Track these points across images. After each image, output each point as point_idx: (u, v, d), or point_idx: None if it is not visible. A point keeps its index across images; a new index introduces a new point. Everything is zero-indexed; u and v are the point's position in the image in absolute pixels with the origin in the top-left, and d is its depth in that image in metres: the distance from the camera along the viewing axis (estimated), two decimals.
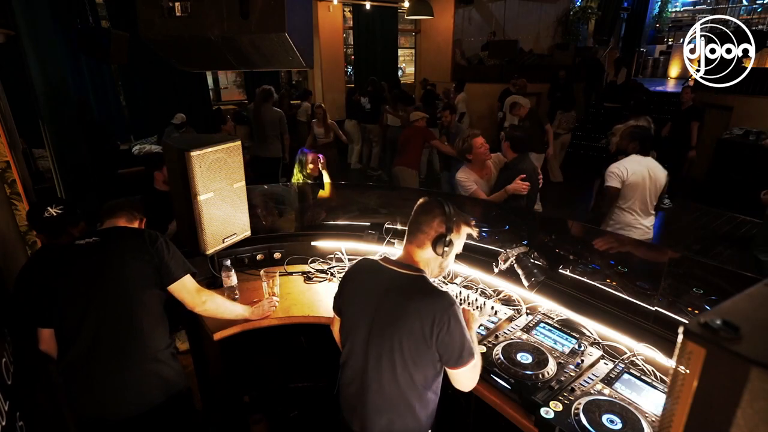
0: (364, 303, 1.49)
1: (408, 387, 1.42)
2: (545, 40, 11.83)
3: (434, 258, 1.50)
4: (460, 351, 1.39)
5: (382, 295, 1.45)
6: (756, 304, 0.64)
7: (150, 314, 1.69)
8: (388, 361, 1.41)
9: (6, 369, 1.67)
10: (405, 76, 12.24)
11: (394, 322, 1.40)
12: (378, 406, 1.45)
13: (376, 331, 1.43)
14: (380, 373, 1.43)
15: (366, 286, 1.52)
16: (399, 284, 1.45)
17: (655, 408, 1.51)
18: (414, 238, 1.50)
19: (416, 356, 1.39)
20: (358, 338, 1.48)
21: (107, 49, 4.22)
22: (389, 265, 1.50)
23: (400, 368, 1.40)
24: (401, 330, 1.38)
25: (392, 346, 1.40)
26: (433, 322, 1.35)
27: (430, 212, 1.49)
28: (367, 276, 1.54)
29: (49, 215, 1.99)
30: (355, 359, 1.49)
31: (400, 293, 1.43)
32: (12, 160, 2.64)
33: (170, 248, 1.78)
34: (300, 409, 2.73)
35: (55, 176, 4.26)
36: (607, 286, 2.07)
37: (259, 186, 3.40)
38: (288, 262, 2.68)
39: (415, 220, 1.50)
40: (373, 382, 1.44)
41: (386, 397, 1.44)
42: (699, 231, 5.56)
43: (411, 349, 1.39)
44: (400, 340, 1.38)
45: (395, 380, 1.42)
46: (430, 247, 1.48)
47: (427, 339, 1.36)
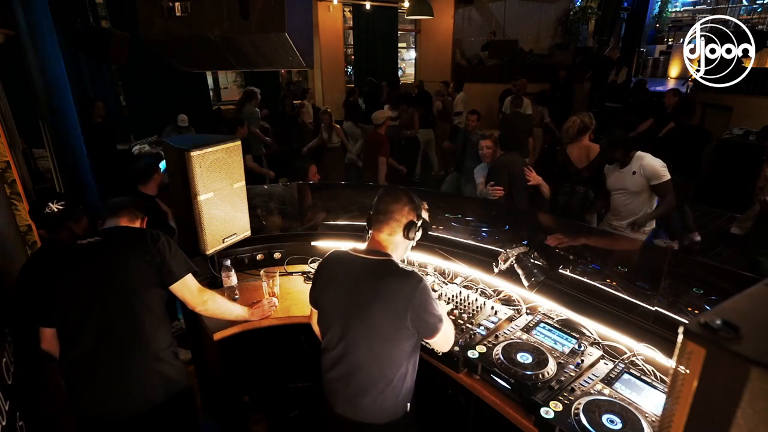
0: (338, 292, 1.58)
1: (387, 364, 1.51)
2: (545, 40, 11.83)
3: (403, 242, 1.62)
4: (434, 323, 1.51)
5: (355, 282, 1.54)
6: (756, 304, 0.64)
7: (152, 313, 1.70)
8: (365, 342, 1.50)
9: (6, 369, 1.67)
10: (405, 76, 12.25)
11: (368, 304, 1.49)
12: (360, 387, 1.53)
13: (352, 316, 1.52)
14: (359, 356, 1.51)
15: (339, 276, 1.60)
16: (369, 269, 1.54)
17: (655, 408, 1.51)
18: (384, 225, 1.59)
19: (392, 333, 1.48)
20: (335, 325, 1.56)
21: (107, 49, 4.22)
22: (358, 254, 1.60)
23: (378, 347, 1.49)
24: (376, 311, 1.47)
25: (369, 327, 1.49)
26: (406, 300, 1.45)
27: (398, 200, 1.60)
28: (339, 266, 1.62)
29: (50, 210, 1.99)
30: (335, 345, 1.57)
31: (371, 277, 1.52)
32: (12, 160, 2.64)
33: (172, 247, 1.78)
34: (300, 409, 2.73)
35: (55, 176, 4.26)
36: (607, 286, 2.07)
37: (259, 186, 3.40)
38: (288, 262, 2.68)
39: (385, 209, 1.60)
40: (355, 364, 1.53)
41: (367, 377, 1.52)
42: (699, 231, 5.55)
43: (387, 327, 1.48)
44: (376, 321, 1.48)
45: (375, 359, 1.50)
46: (400, 233, 1.60)
47: (401, 316, 1.46)
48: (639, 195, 3.15)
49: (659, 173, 3.05)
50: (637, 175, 3.10)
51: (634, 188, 3.13)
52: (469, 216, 2.88)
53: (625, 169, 3.16)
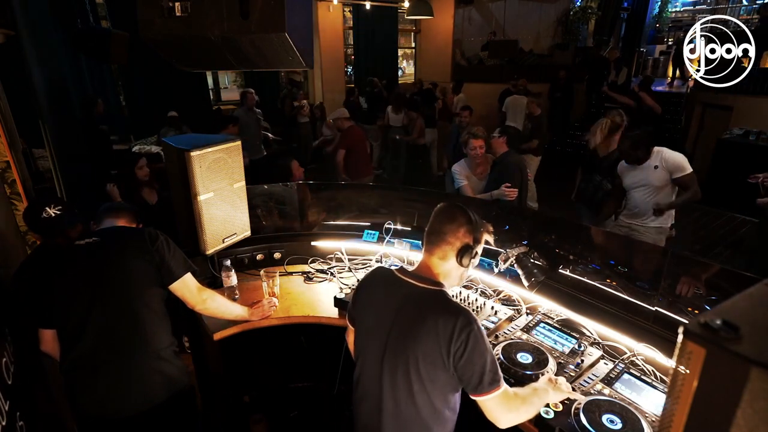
0: (378, 317, 1.41)
1: (425, 408, 1.34)
2: (545, 40, 11.83)
3: (456, 269, 1.41)
4: (480, 375, 1.27)
5: (398, 310, 1.36)
6: (756, 304, 0.64)
7: (152, 313, 1.70)
8: (403, 381, 1.33)
9: (6, 369, 1.67)
10: (405, 76, 12.25)
11: (409, 339, 1.31)
12: (392, 428, 1.38)
13: (390, 349, 1.35)
14: (395, 393, 1.35)
15: (381, 299, 1.43)
16: (416, 299, 1.36)
17: (655, 408, 1.51)
18: (436, 248, 1.40)
19: (434, 376, 1.31)
20: (371, 355, 1.41)
21: (107, 49, 4.22)
22: (406, 278, 1.41)
23: (417, 388, 1.32)
24: (417, 348, 1.30)
25: (408, 365, 1.32)
26: (451, 340, 1.25)
27: (454, 221, 1.39)
28: (383, 288, 1.45)
29: (47, 216, 1.96)
30: (369, 376, 1.42)
31: (416, 309, 1.34)
32: (12, 160, 2.64)
33: (171, 247, 1.78)
34: (300, 409, 2.73)
35: (55, 176, 4.26)
36: (607, 286, 2.07)
37: (259, 186, 3.41)
38: (288, 262, 2.68)
39: (438, 229, 1.40)
40: (388, 402, 1.37)
41: (401, 418, 1.36)
42: (699, 231, 5.56)
43: (428, 368, 1.30)
44: (416, 359, 1.30)
45: (412, 401, 1.34)
46: (453, 258, 1.39)
47: (444, 359, 1.27)
48: (662, 189, 3.10)
49: (683, 165, 3.01)
50: (660, 169, 3.05)
51: (658, 183, 3.08)
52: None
53: (644, 165, 3.10)
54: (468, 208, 1.44)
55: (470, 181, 3.47)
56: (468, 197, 3.44)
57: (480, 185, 3.47)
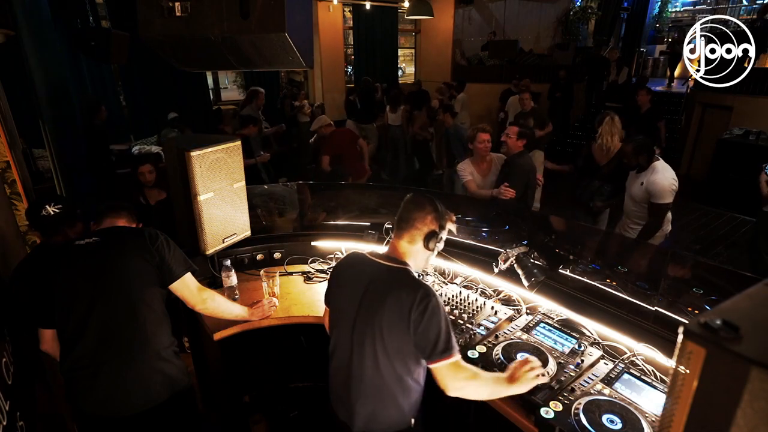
0: (349, 295, 1.54)
1: (390, 376, 1.47)
2: (545, 40, 11.83)
3: (422, 251, 1.56)
4: (434, 343, 1.39)
5: (366, 287, 1.50)
6: (756, 304, 0.64)
7: (153, 312, 1.70)
8: (370, 351, 1.46)
9: (6, 369, 1.67)
10: (405, 76, 12.25)
11: (375, 312, 1.45)
12: (361, 395, 1.50)
13: (359, 322, 1.49)
14: (363, 363, 1.48)
15: (352, 278, 1.57)
16: (382, 276, 1.50)
17: (655, 408, 1.51)
18: (405, 232, 1.55)
19: (397, 345, 1.44)
20: (343, 329, 1.54)
21: (107, 49, 4.22)
22: (375, 258, 1.57)
23: (382, 357, 1.45)
24: (381, 320, 1.43)
25: (374, 336, 1.45)
26: (411, 310, 1.39)
27: (422, 209, 1.54)
28: (354, 269, 1.60)
29: (46, 213, 1.97)
30: (341, 350, 1.55)
31: (382, 284, 1.48)
32: (12, 160, 2.64)
33: (171, 246, 1.78)
34: (300, 409, 2.73)
35: (55, 176, 4.26)
36: (607, 286, 2.07)
37: (259, 186, 3.41)
38: (288, 262, 2.68)
39: (407, 216, 1.55)
40: (357, 371, 1.49)
41: (369, 386, 1.48)
42: (699, 231, 5.56)
43: (391, 338, 1.43)
44: (381, 330, 1.44)
45: (377, 369, 1.46)
46: (420, 242, 1.54)
47: (405, 328, 1.41)
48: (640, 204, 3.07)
49: (660, 193, 2.92)
50: (643, 188, 3.01)
51: (639, 199, 3.06)
52: (469, 216, 2.87)
53: (638, 175, 3.08)
54: (435, 198, 1.59)
55: (474, 177, 3.49)
56: (468, 196, 3.45)
57: (483, 182, 3.48)
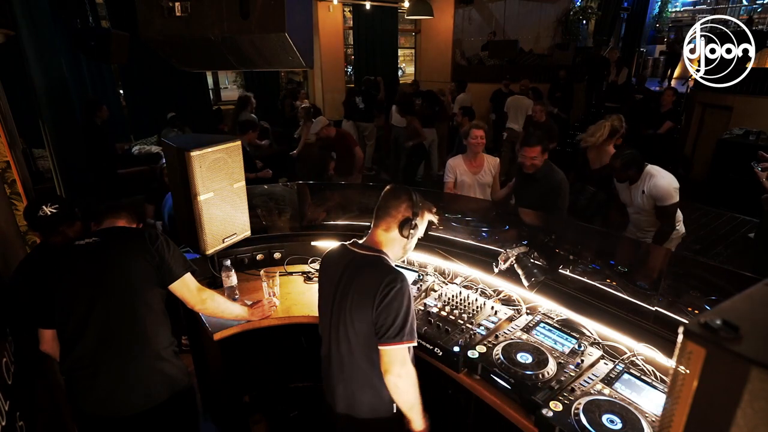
0: (328, 284, 1.61)
1: (364, 361, 1.52)
2: (545, 40, 11.82)
3: (399, 239, 1.61)
4: (389, 326, 1.43)
5: (342, 274, 1.56)
6: (756, 304, 0.64)
7: (153, 312, 1.70)
8: (343, 335, 1.53)
9: (6, 369, 1.67)
10: (405, 76, 12.25)
11: (345, 296, 1.52)
12: (340, 379, 1.57)
13: (335, 308, 1.56)
14: (339, 347, 1.56)
15: (331, 268, 1.63)
16: (358, 263, 1.56)
17: (655, 408, 1.51)
18: (381, 221, 1.60)
19: (364, 328, 1.49)
20: (325, 317, 1.62)
21: (107, 49, 4.22)
22: (354, 248, 1.62)
23: (354, 342, 1.51)
24: (353, 304, 1.50)
25: (346, 321, 1.52)
26: (376, 293, 1.44)
27: (398, 198, 1.60)
28: (335, 259, 1.65)
29: (43, 214, 1.97)
30: (324, 336, 1.64)
31: (356, 271, 1.54)
32: (12, 160, 2.64)
33: (170, 247, 1.78)
34: (300, 409, 2.73)
35: (55, 176, 4.27)
36: (607, 286, 2.07)
37: (259, 186, 3.41)
38: (288, 262, 2.68)
39: (384, 204, 1.60)
40: (336, 355, 1.57)
41: (345, 369, 1.55)
42: (699, 231, 5.56)
43: (360, 321, 1.49)
44: (352, 315, 1.50)
45: (351, 353, 1.53)
46: (396, 230, 1.59)
47: (370, 310, 1.46)
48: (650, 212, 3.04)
49: (665, 196, 2.90)
50: (646, 195, 2.98)
51: (646, 207, 3.03)
52: (469, 216, 2.87)
53: (634, 186, 3.05)
54: (412, 189, 1.64)
55: (466, 177, 3.44)
56: (467, 197, 3.42)
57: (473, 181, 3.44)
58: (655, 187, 2.93)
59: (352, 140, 5.44)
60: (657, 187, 2.93)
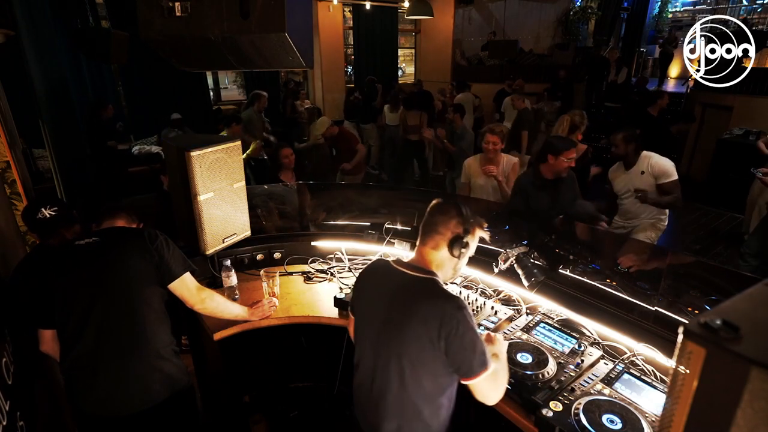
0: (373, 306, 1.48)
1: (416, 392, 1.39)
2: (545, 40, 11.82)
3: (449, 259, 1.47)
4: (470, 359, 1.32)
5: (391, 298, 1.42)
6: (756, 304, 0.64)
7: (152, 312, 1.70)
8: (396, 366, 1.38)
9: (6, 369, 1.67)
10: (405, 76, 12.25)
11: (401, 325, 1.37)
12: (386, 411, 1.42)
13: (384, 335, 1.41)
14: (388, 378, 1.40)
15: (376, 288, 1.50)
16: (408, 287, 1.42)
17: (655, 408, 1.51)
18: (429, 239, 1.47)
19: (424, 361, 1.35)
20: (368, 341, 1.48)
21: (107, 49, 4.22)
22: (400, 267, 1.48)
23: (408, 373, 1.37)
24: (408, 334, 1.35)
25: (400, 351, 1.37)
26: (440, 326, 1.30)
27: (446, 213, 1.47)
28: (378, 278, 1.53)
29: (41, 216, 1.97)
30: (366, 362, 1.48)
31: (408, 296, 1.40)
32: (12, 160, 2.64)
33: (170, 246, 1.78)
34: (300, 409, 2.73)
35: (55, 176, 4.27)
36: (607, 286, 2.07)
37: (259, 186, 3.41)
38: (288, 262, 2.68)
39: (431, 221, 1.47)
40: (382, 385, 1.42)
41: (394, 402, 1.41)
42: (699, 231, 5.56)
43: (418, 354, 1.35)
44: (408, 345, 1.35)
45: (403, 385, 1.38)
46: (445, 249, 1.45)
47: (434, 344, 1.32)
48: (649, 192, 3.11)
49: (668, 171, 3.02)
50: (646, 175, 3.07)
51: (644, 188, 3.09)
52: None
53: (632, 170, 3.14)
54: (461, 203, 1.51)
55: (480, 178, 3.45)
56: (468, 197, 3.43)
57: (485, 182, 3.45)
58: (657, 164, 3.04)
59: (354, 138, 5.46)
60: (658, 164, 3.04)
